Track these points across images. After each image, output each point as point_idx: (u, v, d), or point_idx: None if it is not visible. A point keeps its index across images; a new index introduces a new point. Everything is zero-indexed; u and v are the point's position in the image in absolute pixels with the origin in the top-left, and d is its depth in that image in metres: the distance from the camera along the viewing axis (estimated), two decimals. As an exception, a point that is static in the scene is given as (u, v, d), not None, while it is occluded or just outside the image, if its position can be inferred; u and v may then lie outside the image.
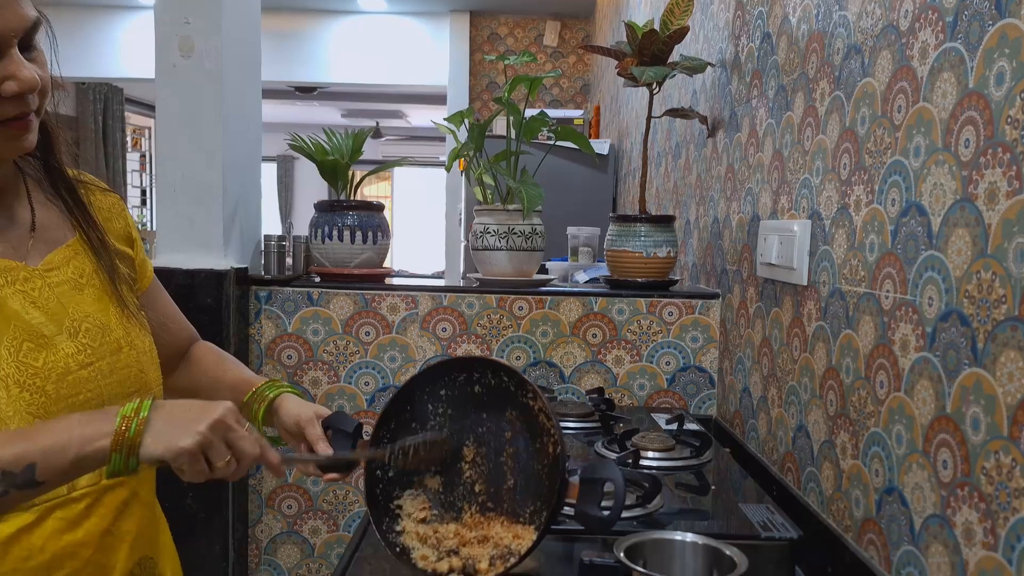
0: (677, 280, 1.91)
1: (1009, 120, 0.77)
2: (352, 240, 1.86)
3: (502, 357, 1.82)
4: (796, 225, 1.29)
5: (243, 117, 1.92)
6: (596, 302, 1.81)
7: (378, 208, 1.92)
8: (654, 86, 1.80)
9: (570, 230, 2.62)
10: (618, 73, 1.79)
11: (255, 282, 1.86)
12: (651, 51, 1.73)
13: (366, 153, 2.00)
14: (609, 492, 0.84)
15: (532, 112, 1.87)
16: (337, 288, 1.84)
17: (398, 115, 9.01)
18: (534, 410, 0.92)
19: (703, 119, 1.90)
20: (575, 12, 5.25)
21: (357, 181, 1.98)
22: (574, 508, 0.85)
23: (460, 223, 4.39)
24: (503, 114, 1.85)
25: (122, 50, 5.72)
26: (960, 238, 0.84)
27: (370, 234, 1.87)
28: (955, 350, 0.84)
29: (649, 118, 1.85)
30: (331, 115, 9.16)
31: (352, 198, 1.94)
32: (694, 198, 2.08)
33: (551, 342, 1.82)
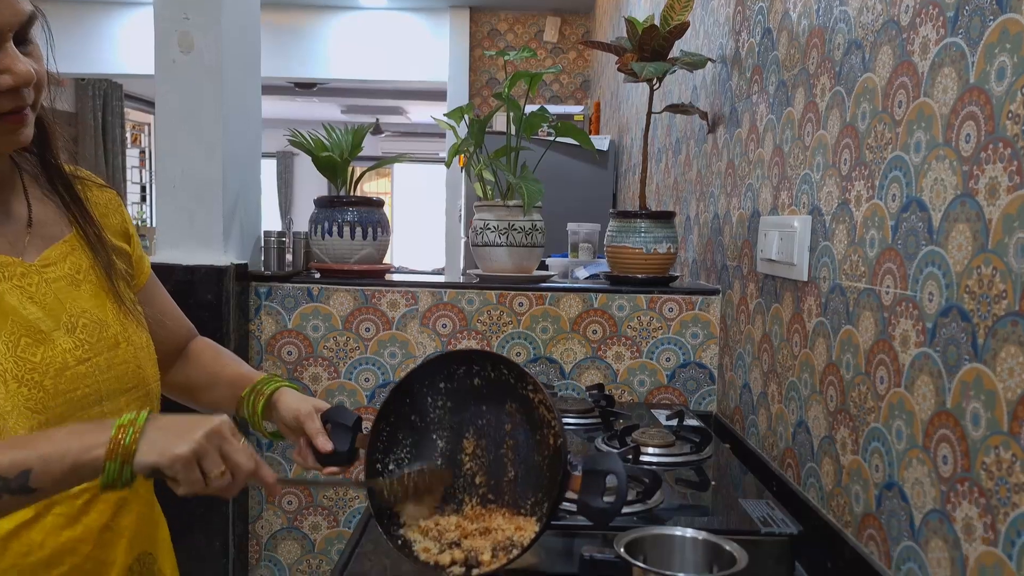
0: (677, 276, 1.91)
1: (1010, 115, 0.76)
2: (352, 236, 1.85)
3: (502, 353, 1.81)
4: (796, 221, 1.29)
5: (243, 113, 1.92)
6: (596, 298, 1.81)
7: (378, 204, 1.92)
8: (654, 82, 1.80)
9: (570, 226, 2.62)
10: (618, 69, 1.79)
11: (255, 278, 1.86)
12: (651, 47, 1.72)
13: (366, 149, 1.99)
14: (612, 487, 0.84)
15: (532, 108, 1.86)
16: (337, 284, 1.84)
17: (398, 111, 9.01)
18: (534, 402, 0.92)
19: (703, 115, 1.90)
20: (575, 8, 5.24)
21: (357, 177, 1.98)
22: (576, 500, 0.85)
23: (460, 219, 4.39)
24: (503, 110, 1.85)
25: (121, 46, 5.70)
26: (961, 233, 0.84)
27: (370, 230, 1.87)
28: (955, 345, 0.84)
29: (649, 114, 1.85)
30: (331, 111, 9.15)
31: (352, 194, 1.94)
32: (694, 194, 2.07)
33: (551, 338, 1.82)
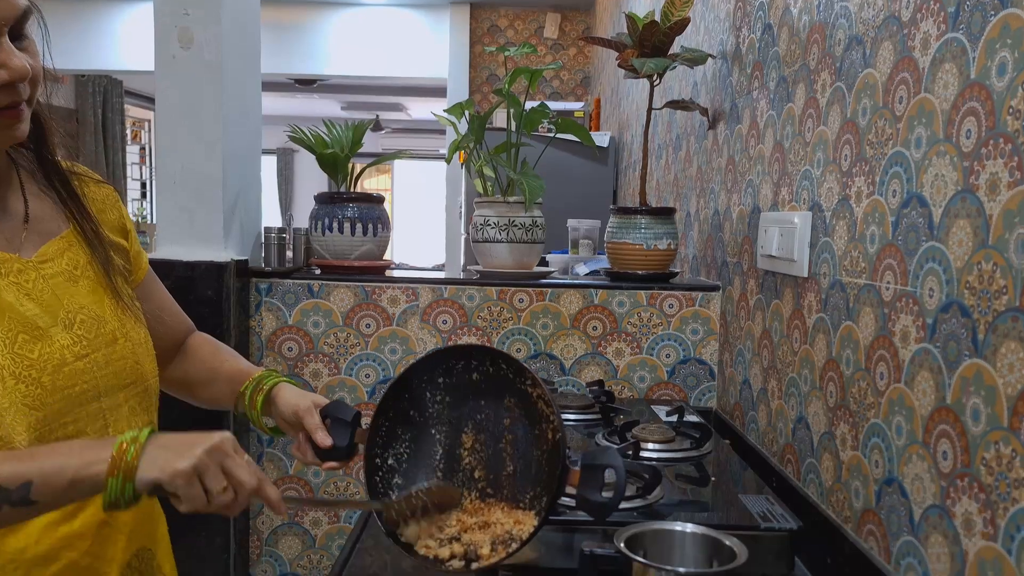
0: (677, 272, 1.91)
1: (1011, 111, 0.76)
2: (352, 232, 1.85)
3: (503, 349, 1.81)
4: (797, 217, 1.29)
5: (243, 109, 1.92)
6: (596, 294, 1.81)
7: (378, 200, 1.92)
8: (655, 78, 1.79)
9: (570, 222, 2.62)
10: (619, 65, 1.79)
11: (255, 274, 1.86)
12: (652, 43, 1.72)
13: (366, 146, 1.99)
14: (610, 482, 0.84)
15: (532, 104, 1.86)
16: (337, 280, 1.84)
17: (398, 108, 9.00)
18: (532, 397, 0.92)
19: (704, 111, 1.90)
20: (575, 4, 5.23)
21: (357, 173, 1.98)
22: (575, 494, 0.86)
23: (460, 216, 4.39)
24: (503, 106, 1.85)
25: (121, 42, 5.70)
26: (961, 229, 0.84)
27: (370, 226, 1.87)
28: (955, 341, 0.84)
29: (650, 110, 1.84)
30: (331, 108, 9.14)
31: (352, 190, 1.94)
32: (695, 190, 2.07)
33: (551, 334, 1.82)
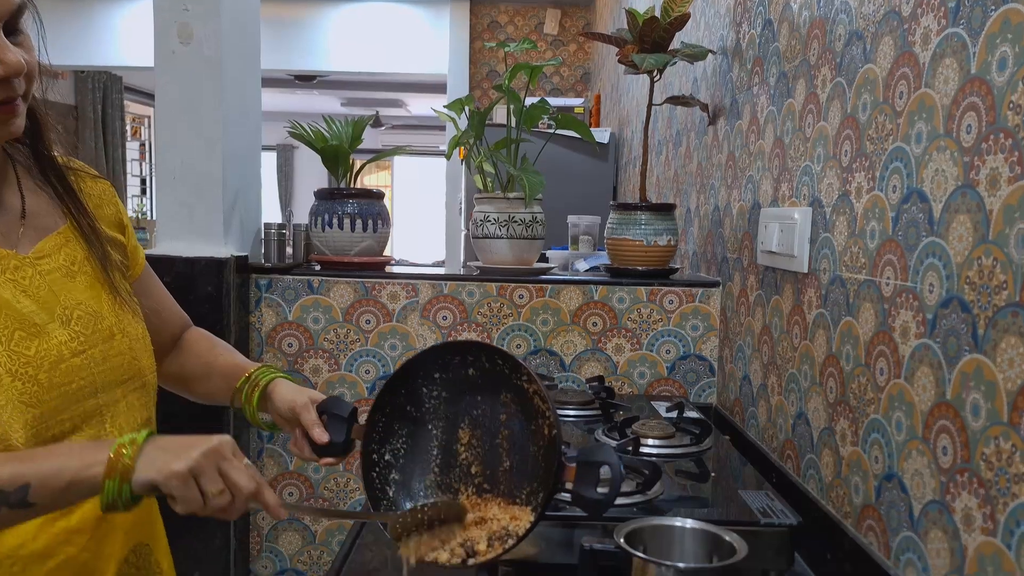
0: (677, 268, 1.91)
1: (1011, 106, 0.76)
2: (352, 228, 1.85)
3: (502, 345, 1.82)
4: (797, 212, 1.29)
5: (243, 105, 1.92)
6: (596, 290, 1.81)
7: (378, 196, 1.92)
8: (655, 74, 1.79)
9: (570, 218, 2.61)
10: (619, 61, 1.79)
11: (255, 270, 1.86)
12: (652, 38, 1.72)
13: (366, 142, 1.99)
14: (606, 479, 0.84)
15: (532, 100, 1.86)
16: (337, 276, 1.84)
17: (398, 104, 8.99)
18: (529, 393, 0.92)
19: (704, 107, 1.90)
20: (575, 0, 5.22)
21: (357, 169, 1.97)
22: (570, 491, 0.86)
23: (460, 212, 4.38)
24: (503, 102, 1.85)
25: (121, 38, 5.68)
26: (961, 224, 0.84)
27: (370, 222, 1.87)
28: (955, 336, 0.84)
29: (650, 106, 1.84)
30: (331, 104, 9.13)
31: (352, 186, 1.94)
32: (695, 186, 2.07)
33: (551, 330, 1.82)
